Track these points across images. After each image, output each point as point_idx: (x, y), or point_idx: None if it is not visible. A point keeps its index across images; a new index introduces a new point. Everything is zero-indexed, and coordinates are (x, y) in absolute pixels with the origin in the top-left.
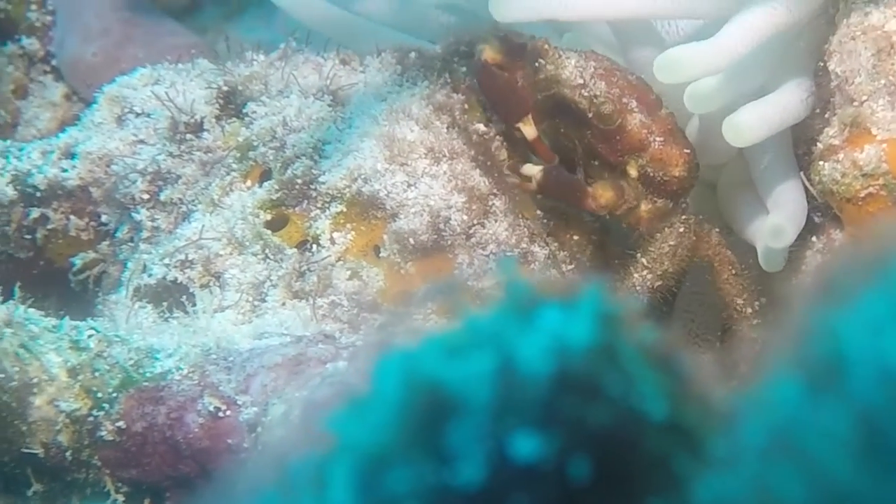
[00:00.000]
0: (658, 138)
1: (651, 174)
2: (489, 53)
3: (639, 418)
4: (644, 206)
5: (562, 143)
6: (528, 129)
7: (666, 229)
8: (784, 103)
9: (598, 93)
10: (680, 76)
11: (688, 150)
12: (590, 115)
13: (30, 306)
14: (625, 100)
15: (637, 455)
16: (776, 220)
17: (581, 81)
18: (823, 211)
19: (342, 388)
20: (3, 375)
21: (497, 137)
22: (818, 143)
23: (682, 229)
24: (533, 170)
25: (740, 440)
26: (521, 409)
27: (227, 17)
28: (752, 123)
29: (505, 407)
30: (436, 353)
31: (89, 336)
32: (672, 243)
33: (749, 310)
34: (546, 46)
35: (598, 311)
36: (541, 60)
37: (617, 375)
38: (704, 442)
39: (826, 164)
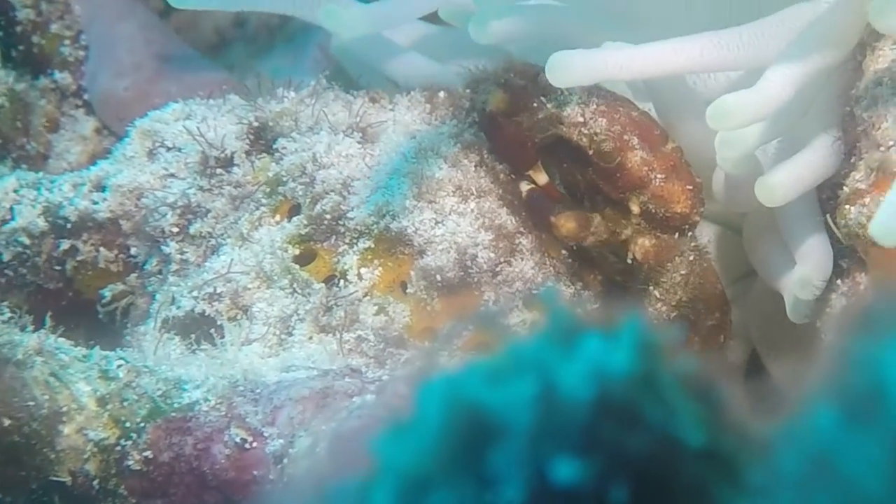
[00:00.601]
0: (660, 175)
1: (653, 210)
2: (494, 104)
3: (677, 445)
4: (649, 242)
5: (566, 177)
6: (539, 177)
7: (676, 258)
8: (816, 161)
9: (598, 130)
10: (732, 123)
11: (690, 187)
12: (590, 152)
13: (59, 336)
14: (626, 137)
15: (675, 482)
16: (803, 271)
17: (581, 119)
18: (848, 255)
19: (372, 419)
20: (33, 403)
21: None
22: (844, 188)
23: (692, 257)
24: (524, 188)
25: (778, 468)
26: (561, 433)
27: (254, 55)
28: (785, 184)
29: (546, 431)
30: (478, 378)
31: (118, 366)
32: (683, 272)
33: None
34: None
35: (638, 341)
36: (542, 98)
37: (656, 403)
38: (742, 470)
39: (852, 208)
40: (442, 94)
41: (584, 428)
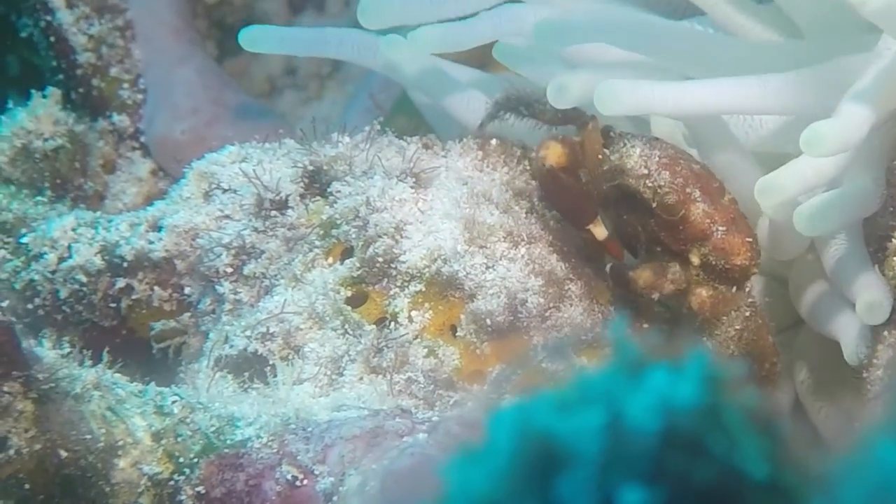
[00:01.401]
0: (721, 227)
1: (713, 262)
2: (552, 159)
3: (741, 477)
4: (706, 293)
5: (625, 229)
6: (599, 231)
7: (732, 313)
8: (855, 195)
9: (662, 183)
10: (826, 150)
11: (749, 239)
12: (653, 204)
13: (115, 372)
14: (688, 189)
15: None
16: (870, 296)
17: (646, 171)
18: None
19: (424, 458)
20: (89, 437)
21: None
22: (893, 240)
23: (747, 313)
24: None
25: (839, 501)
26: (628, 462)
27: (304, 103)
28: (824, 212)
29: (613, 460)
30: (548, 407)
31: (173, 402)
32: (738, 327)
33: None
34: (612, 134)
35: (703, 374)
36: (605, 150)
37: (720, 435)
38: (804, 502)
39: None
40: (494, 141)
41: (650, 457)
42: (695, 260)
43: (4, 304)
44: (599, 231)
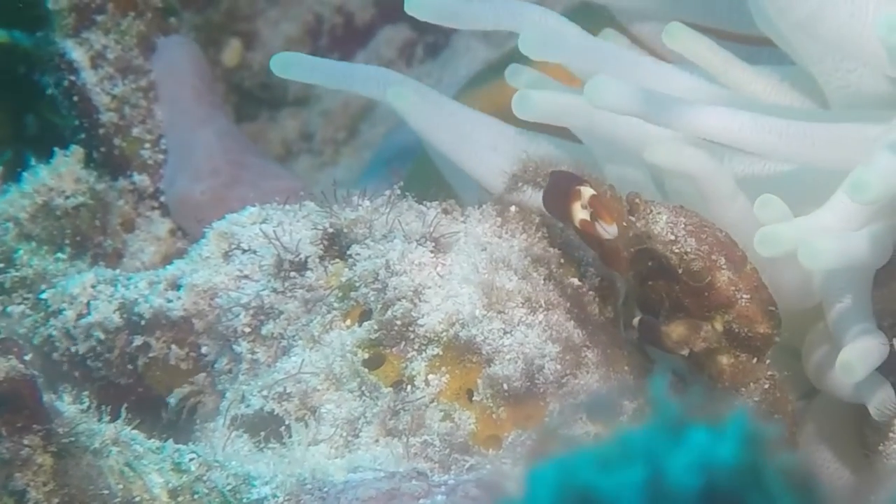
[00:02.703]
0: (745, 295)
1: (736, 330)
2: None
3: None
4: (727, 360)
5: (649, 295)
6: (587, 190)
7: (751, 384)
8: (864, 240)
9: (688, 249)
10: (871, 197)
11: (772, 307)
12: (679, 270)
13: (133, 428)
14: (714, 256)
15: None
16: (845, 355)
17: (672, 237)
18: None
19: None
20: (107, 492)
21: (589, 292)
22: None
23: (766, 386)
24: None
25: None
26: None
27: (320, 167)
28: (829, 248)
29: None
30: (590, 463)
31: (191, 459)
32: (756, 399)
33: None
34: (637, 201)
35: (743, 434)
36: (631, 217)
37: (760, 494)
38: None
39: None
40: (513, 208)
41: None
42: (718, 327)
43: (27, 357)
44: (587, 190)
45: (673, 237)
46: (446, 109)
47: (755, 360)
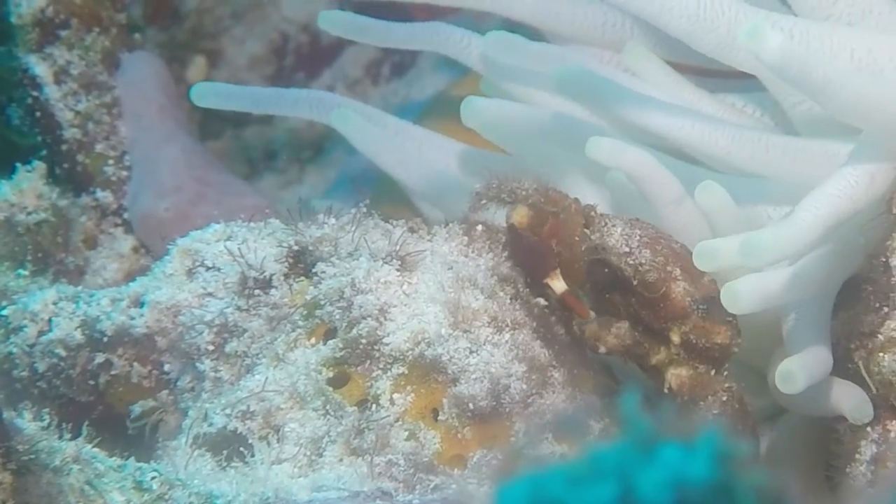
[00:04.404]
0: (701, 306)
1: (694, 341)
2: (516, 218)
3: None
4: (686, 372)
5: (606, 308)
6: (557, 284)
7: (709, 397)
8: (789, 281)
9: (643, 261)
10: (765, 260)
11: (730, 318)
12: (634, 282)
13: (95, 447)
14: (669, 268)
15: None
16: (787, 365)
17: (627, 249)
18: (880, 403)
19: None
20: None
21: (556, 312)
22: (878, 336)
23: (724, 398)
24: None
25: None
26: None
27: (284, 187)
28: (749, 290)
29: None
30: (560, 480)
31: (152, 478)
32: (716, 412)
33: None
34: (592, 213)
35: (715, 451)
36: (586, 230)
37: None
38: None
39: (886, 355)
40: (480, 227)
41: None
42: (675, 338)
43: None
44: (558, 284)
45: (627, 249)
46: (390, 129)
47: (713, 371)
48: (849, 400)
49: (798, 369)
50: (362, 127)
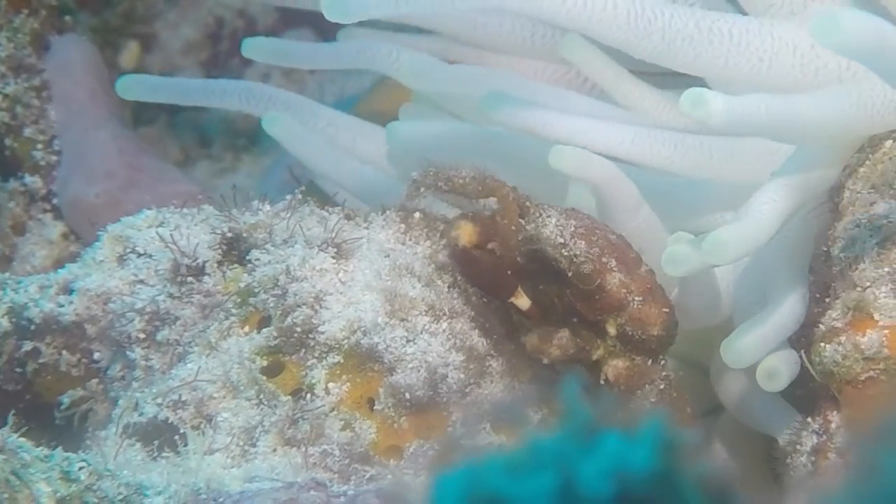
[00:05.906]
0: (637, 298)
1: (630, 333)
2: (465, 238)
3: None
4: (623, 364)
5: (541, 300)
6: (522, 301)
7: (646, 386)
8: (783, 322)
9: (578, 252)
10: (729, 258)
11: (666, 309)
12: (569, 274)
13: (21, 436)
14: (604, 259)
15: None
16: (770, 361)
17: (562, 240)
18: (820, 393)
19: None
20: None
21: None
22: (820, 326)
23: (662, 386)
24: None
25: None
26: None
27: (219, 174)
28: (752, 346)
29: None
30: (498, 470)
31: (80, 468)
32: (653, 400)
33: None
34: (528, 204)
35: (657, 440)
36: (521, 220)
37: (674, 502)
38: None
39: (828, 346)
40: (417, 214)
41: None
42: (611, 330)
43: None
44: (522, 301)
45: (562, 240)
46: (324, 120)
47: (650, 361)
48: (780, 424)
49: (783, 366)
50: (293, 130)
